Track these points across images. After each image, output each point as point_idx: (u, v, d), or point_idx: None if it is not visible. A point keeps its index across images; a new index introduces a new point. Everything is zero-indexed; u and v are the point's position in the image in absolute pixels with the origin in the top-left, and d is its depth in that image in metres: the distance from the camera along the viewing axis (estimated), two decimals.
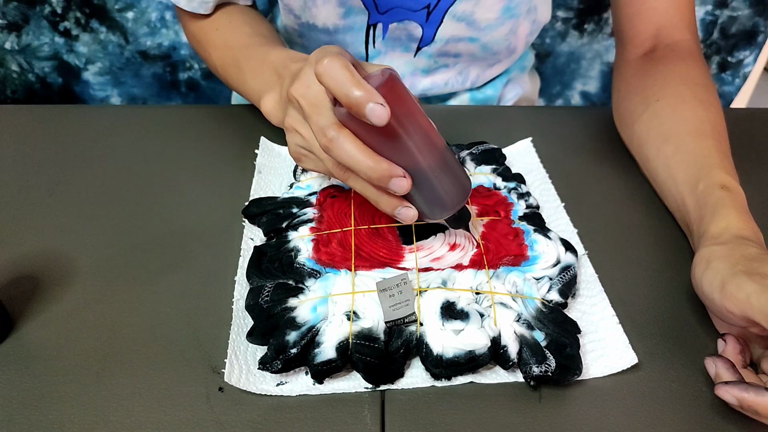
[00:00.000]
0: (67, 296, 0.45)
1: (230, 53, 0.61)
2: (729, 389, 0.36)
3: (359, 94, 0.35)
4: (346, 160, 0.39)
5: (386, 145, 0.39)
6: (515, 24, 0.67)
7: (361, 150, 0.39)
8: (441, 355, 0.39)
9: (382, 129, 0.37)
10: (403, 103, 0.38)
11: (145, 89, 1.03)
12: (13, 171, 0.59)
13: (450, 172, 0.41)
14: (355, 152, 0.39)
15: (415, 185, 0.40)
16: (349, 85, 0.36)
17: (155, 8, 0.93)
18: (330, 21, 0.65)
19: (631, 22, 0.64)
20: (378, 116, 0.35)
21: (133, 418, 0.37)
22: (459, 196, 0.42)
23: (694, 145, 0.52)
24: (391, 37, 0.67)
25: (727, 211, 0.45)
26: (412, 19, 0.65)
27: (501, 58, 0.72)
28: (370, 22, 0.65)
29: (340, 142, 0.39)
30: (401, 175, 0.39)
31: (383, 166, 0.39)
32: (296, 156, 0.47)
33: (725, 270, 0.40)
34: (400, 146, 0.39)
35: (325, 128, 0.40)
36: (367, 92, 0.35)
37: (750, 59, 1.02)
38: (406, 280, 0.42)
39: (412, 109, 0.39)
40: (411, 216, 0.42)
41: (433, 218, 0.43)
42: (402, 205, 0.41)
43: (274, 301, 0.42)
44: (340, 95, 0.36)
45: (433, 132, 0.41)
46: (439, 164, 0.40)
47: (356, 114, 0.37)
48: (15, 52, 0.96)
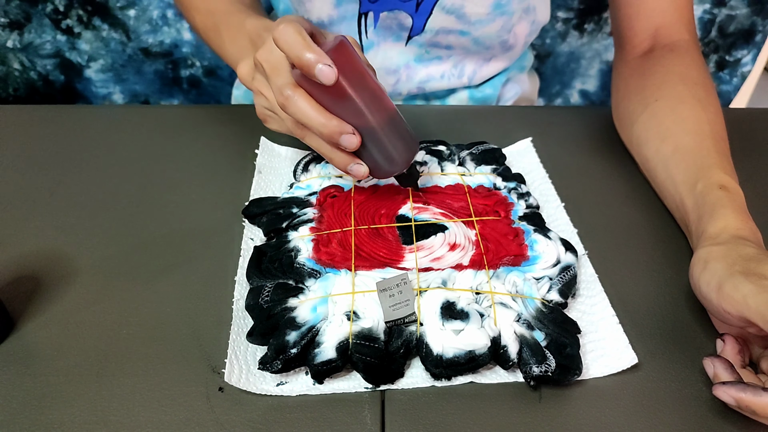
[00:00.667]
0: (67, 296, 0.45)
1: (211, 18, 0.62)
2: (727, 389, 0.36)
3: (309, 56, 0.40)
4: (300, 116, 0.43)
5: (337, 104, 0.43)
6: (508, 21, 0.67)
7: (313, 107, 0.43)
8: (441, 355, 0.39)
9: (332, 89, 0.41)
10: (352, 66, 0.42)
11: (147, 86, 1.03)
12: (13, 171, 0.59)
13: (398, 132, 0.45)
14: (308, 109, 0.43)
15: (365, 142, 0.45)
16: (300, 48, 0.40)
17: (157, 6, 0.93)
18: (324, 12, 0.66)
19: (629, 22, 0.64)
20: (326, 76, 0.40)
21: (133, 418, 0.37)
22: (407, 154, 0.46)
23: (693, 145, 0.52)
24: (383, 26, 0.68)
25: (726, 211, 0.45)
26: (401, 9, 0.66)
27: (496, 53, 0.72)
28: (362, 10, 0.66)
29: (294, 100, 0.43)
30: (350, 132, 0.43)
31: (333, 122, 0.43)
32: (262, 117, 0.51)
33: (722, 270, 0.40)
34: (350, 105, 0.43)
35: (282, 87, 0.43)
36: (317, 54, 0.40)
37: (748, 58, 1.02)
38: (406, 280, 0.42)
39: (361, 71, 0.43)
40: (362, 172, 0.46)
41: (383, 174, 0.47)
42: (354, 161, 0.46)
43: (274, 301, 0.42)
44: (293, 57, 0.40)
45: (381, 94, 0.44)
46: (388, 123, 0.44)
47: (307, 74, 0.41)
48: (17, 50, 0.96)
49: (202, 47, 0.98)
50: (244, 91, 0.86)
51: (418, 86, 0.74)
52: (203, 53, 0.99)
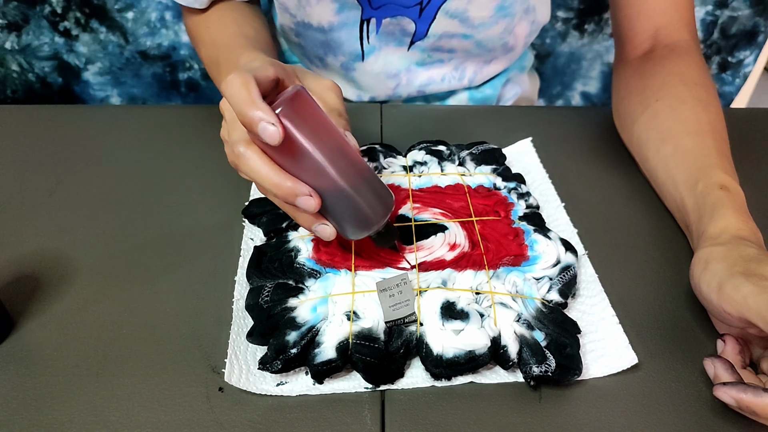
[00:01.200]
0: (67, 296, 0.45)
1: (214, 52, 0.61)
2: (727, 390, 0.36)
3: (252, 113, 0.35)
4: (253, 176, 0.40)
5: (294, 163, 0.39)
6: (510, 23, 0.67)
7: (266, 167, 0.39)
8: (441, 355, 0.39)
9: (285, 146, 0.37)
10: (308, 121, 0.38)
11: (145, 89, 1.03)
12: (13, 171, 0.59)
13: (368, 189, 0.41)
14: (260, 168, 0.39)
15: (329, 203, 0.40)
16: (243, 104, 0.36)
17: (155, 8, 0.93)
18: (324, 18, 0.66)
19: (630, 23, 0.64)
20: (269, 135, 0.35)
21: (133, 418, 0.37)
22: (378, 215, 0.42)
23: (694, 145, 0.52)
24: (385, 32, 0.68)
25: (726, 212, 0.45)
26: (404, 15, 0.65)
27: (497, 55, 0.72)
28: (364, 17, 0.66)
29: (246, 158, 0.39)
30: (306, 194, 0.39)
31: (287, 184, 0.39)
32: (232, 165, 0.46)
33: (723, 271, 0.40)
34: (308, 163, 0.38)
35: (234, 144, 0.40)
36: (262, 111, 0.35)
37: (750, 59, 1.02)
38: (406, 280, 0.42)
39: (319, 126, 0.39)
40: (328, 233, 0.42)
41: (353, 236, 0.43)
42: (319, 222, 0.41)
43: (274, 301, 0.42)
44: (237, 113, 0.36)
45: (347, 149, 0.40)
46: (354, 182, 0.40)
47: (251, 132, 0.37)
48: (15, 52, 0.96)
49: None
50: None
51: (418, 89, 0.74)
52: None
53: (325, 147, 0.38)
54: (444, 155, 0.58)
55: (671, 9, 0.62)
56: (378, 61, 0.70)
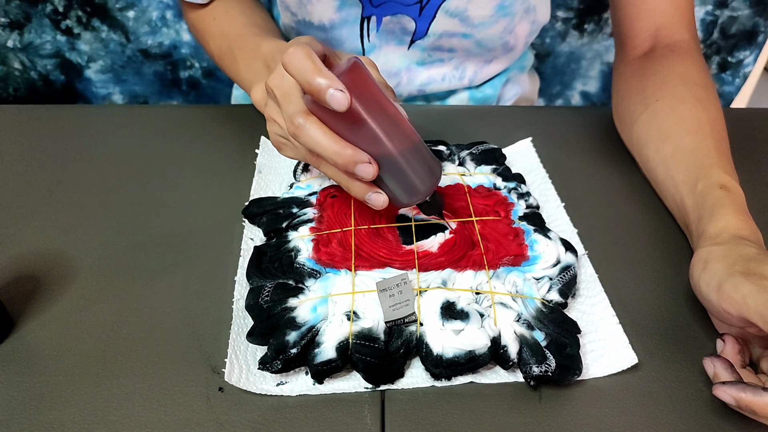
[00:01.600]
0: (67, 296, 0.45)
1: (226, 43, 0.61)
2: (726, 389, 0.36)
3: (320, 81, 0.37)
4: (313, 145, 0.41)
5: (352, 131, 0.40)
6: (511, 22, 0.67)
7: (327, 136, 0.40)
8: (441, 355, 0.39)
9: (346, 115, 0.38)
10: (366, 90, 0.40)
11: (146, 87, 1.03)
12: (13, 171, 0.59)
13: (419, 158, 0.42)
14: (321, 138, 0.40)
15: (384, 171, 0.42)
16: (310, 73, 0.37)
17: (156, 7, 0.93)
18: (325, 16, 0.66)
19: (630, 23, 0.64)
20: (338, 102, 0.37)
21: (133, 418, 0.37)
22: (429, 182, 0.43)
23: (693, 145, 0.52)
24: (385, 30, 0.68)
25: (726, 211, 0.45)
26: (405, 13, 0.65)
27: (497, 55, 0.72)
28: (364, 14, 0.66)
29: (306, 128, 0.40)
30: (366, 161, 0.40)
31: (348, 152, 0.40)
32: (276, 144, 0.49)
33: (722, 270, 0.40)
34: (366, 132, 0.40)
35: (293, 115, 0.41)
36: (328, 79, 0.37)
37: (750, 59, 1.02)
38: (406, 280, 0.42)
39: (376, 95, 0.40)
40: (381, 201, 0.43)
41: (404, 204, 0.44)
42: (372, 190, 0.43)
43: (274, 301, 0.42)
44: (303, 83, 0.38)
45: (400, 118, 0.42)
46: (408, 150, 0.41)
47: (318, 100, 0.38)
48: (17, 50, 0.96)
49: (200, 48, 0.98)
50: (244, 92, 0.86)
51: (418, 89, 0.74)
52: (202, 54, 0.99)
53: (381, 116, 0.40)
54: (444, 155, 0.58)
55: (671, 9, 0.62)
56: (378, 59, 0.70)
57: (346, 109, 0.37)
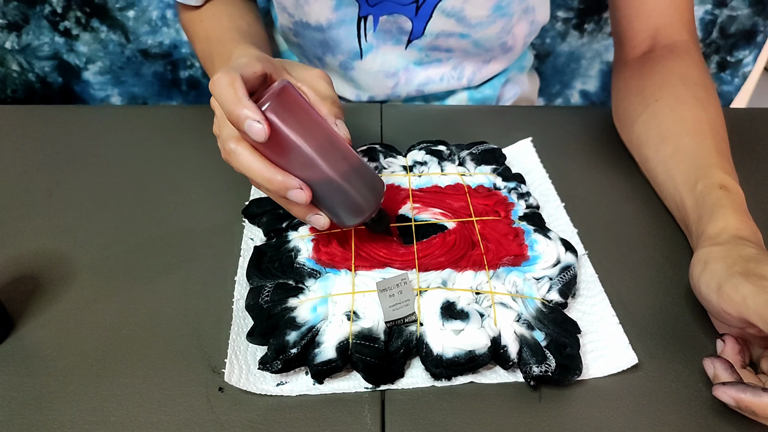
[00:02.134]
0: (67, 296, 0.45)
1: (208, 46, 0.62)
2: (726, 390, 0.36)
3: (239, 112, 0.36)
4: (245, 171, 0.41)
5: (283, 156, 0.40)
6: (508, 23, 0.67)
7: (257, 162, 0.40)
8: (441, 355, 0.39)
9: (274, 141, 0.38)
10: (295, 115, 0.39)
11: (145, 88, 1.03)
12: (13, 171, 0.59)
13: (358, 178, 0.42)
14: (251, 164, 0.40)
15: (321, 193, 0.41)
16: (230, 103, 0.37)
17: (156, 7, 0.93)
18: (322, 16, 0.66)
19: (629, 23, 0.64)
20: (255, 133, 0.37)
21: (133, 418, 0.37)
22: (370, 202, 0.43)
23: (693, 145, 0.52)
24: (382, 30, 0.68)
25: (726, 212, 0.45)
26: (401, 13, 0.65)
27: (496, 55, 0.72)
28: (361, 14, 0.66)
29: (237, 154, 0.40)
30: (297, 187, 0.40)
31: (278, 178, 0.40)
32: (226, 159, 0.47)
33: (722, 271, 0.40)
34: (297, 156, 0.39)
35: (225, 140, 0.41)
36: (247, 109, 0.36)
37: (749, 59, 1.02)
38: (406, 280, 0.42)
39: (307, 119, 0.40)
40: (322, 223, 0.43)
41: (347, 224, 0.44)
42: (312, 213, 0.42)
43: (274, 301, 0.42)
44: (225, 112, 0.38)
45: (336, 140, 0.41)
46: (346, 171, 0.41)
47: (239, 130, 0.38)
48: (15, 52, 0.96)
49: None
50: None
51: (417, 89, 0.74)
52: None
53: (313, 139, 0.39)
54: (444, 155, 0.58)
55: (670, 9, 0.62)
56: (376, 59, 0.70)
57: (264, 140, 0.37)
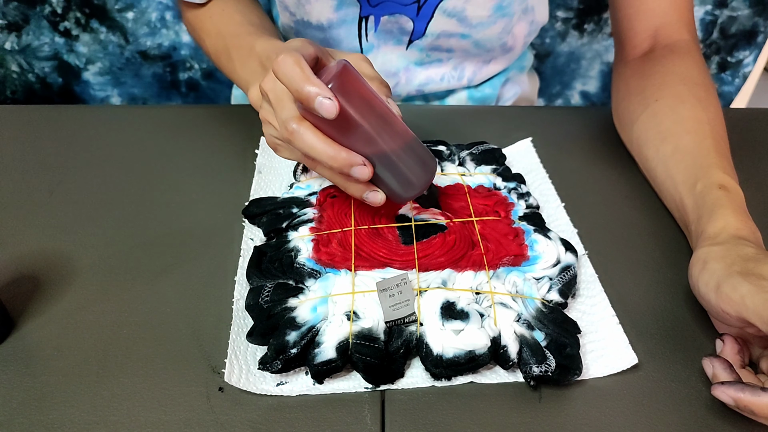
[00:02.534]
0: (67, 296, 0.45)
1: (222, 41, 0.62)
2: (725, 389, 0.36)
3: (309, 89, 0.38)
4: (307, 150, 0.42)
5: (345, 134, 0.41)
6: (509, 23, 0.67)
7: (320, 140, 0.41)
8: (441, 355, 0.39)
9: (337, 119, 0.39)
10: (356, 92, 0.40)
11: (145, 89, 1.03)
12: (13, 171, 0.59)
13: (412, 154, 0.44)
14: (315, 143, 0.41)
15: (379, 168, 0.43)
16: (298, 81, 0.38)
17: (155, 8, 0.93)
18: (323, 16, 0.66)
19: (629, 23, 0.64)
20: (326, 110, 0.38)
21: (133, 418, 0.37)
22: (424, 177, 0.45)
23: (693, 145, 0.52)
24: (383, 30, 0.68)
25: (725, 211, 0.45)
26: (402, 13, 0.65)
27: (496, 55, 0.72)
28: (362, 14, 0.66)
29: (300, 134, 0.41)
30: (360, 163, 0.41)
31: (342, 155, 0.41)
32: (272, 146, 0.49)
33: (721, 271, 0.40)
34: (358, 133, 0.41)
35: (286, 121, 0.42)
36: (317, 87, 0.38)
37: (750, 59, 1.02)
38: (406, 280, 0.42)
39: (367, 96, 0.41)
40: (379, 199, 0.44)
41: (402, 199, 0.46)
42: (369, 189, 0.44)
43: (274, 301, 0.42)
44: (292, 91, 0.39)
45: (392, 117, 0.42)
46: (401, 147, 0.43)
47: (307, 108, 0.39)
48: (15, 52, 0.96)
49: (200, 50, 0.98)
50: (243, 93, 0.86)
51: (417, 89, 0.74)
52: (202, 56, 0.99)
53: (372, 117, 0.41)
54: (444, 155, 0.58)
55: (671, 9, 0.62)
56: (377, 59, 0.70)
57: (335, 117, 0.38)
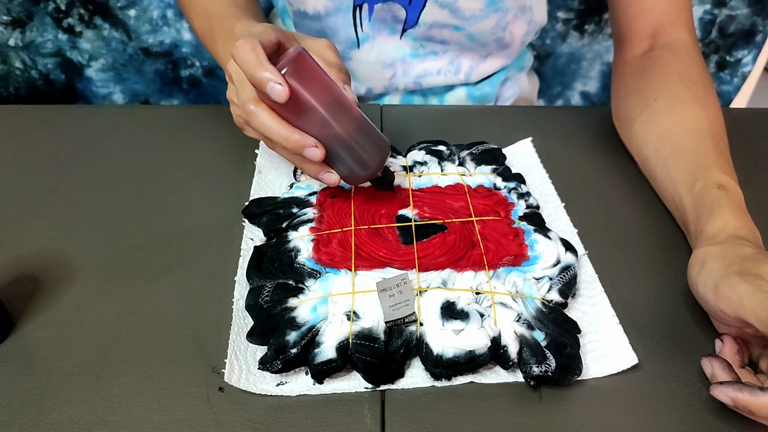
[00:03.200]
0: (67, 296, 0.45)
1: (207, 21, 0.62)
2: (724, 389, 0.36)
3: (261, 74, 0.40)
4: (263, 131, 0.45)
5: (299, 116, 0.43)
6: (502, 18, 0.67)
7: (275, 122, 0.44)
8: (441, 355, 0.39)
9: (291, 102, 0.41)
10: (310, 78, 0.42)
11: (147, 86, 1.03)
12: (13, 171, 0.59)
13: (366, 137, 0.46)
14: (270, 124, 0.44)
15: (333, 151, 0.45)
16: (252, 66, 0.40)
17: (157, 6, 0.93)
18: (319, 4, 0.66)
19: (628, 22, 0.64)
20: (277, 94, 0.40)
21: (133, 418, 0.37)
22: (378, 157, 0.47)
23: (692, 145, 0.52)
24: (377, 19, 0.68)
25: (724, 211, 0.45)
26: (395, 1, 0.66)
27: (492, 51, 0.72)
28: (356, 2, 0.66)
29: (257, 115, 0.44)
30: (312, 145, 0.44)
31: (295, 137, 0.44)
32: (239, 125, 0.52)
33: (719, 270, 0.40)
34: (312, 116, 0.43)
35: (245, 102, 0.44)
36: (269, 72, 0.40)
37: (749, 58, 1.02)
38: (406, 280, 0.42)
39: (320, 82, 0.43)
40: (333, 180, 0.47)
41: (355, 181, 0.48)
42: (324, 170, 0.47)
43: (274, 301, 0.42)
44: (248, 76, 0.41)
45: (345, 101, 0.45)
46: (354, 130, 0.45)
47: (261, 92, 0.41)
48: (19, 49, 0.96)
49: (201, 47, 0.98)
50: None
51: (414, 81, 0.74)
52: (203, 53, 0.99)
53: (325, 101, 0.43)
54: (444, 155, 0.58)
55: (670, 8, 0.62)
56: (373, 49, 0.71)
57: (285, 101, 0.40)
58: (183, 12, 0.70)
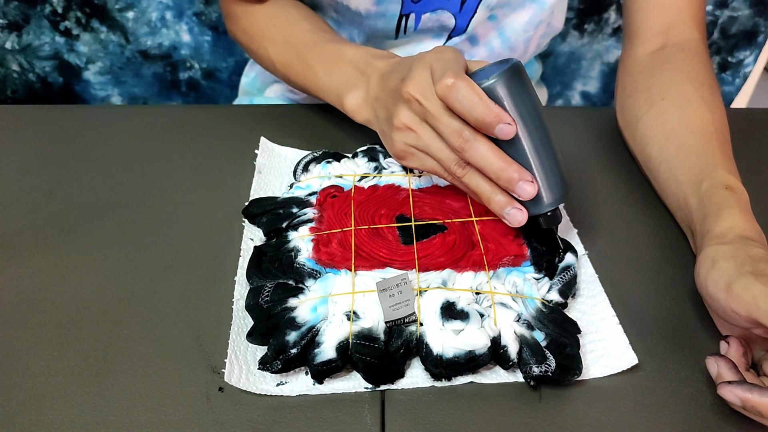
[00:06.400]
0: (67, 296, 0.45)
1: (293, 50, 0.61)
2: (733, 389, 0.36)
3: (491, 119, 0.39)
4: (478, 160, 0.42)
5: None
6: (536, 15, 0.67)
7: (494, 152, 0.41)
8: (441, 355, 0.39)
9: None
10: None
11: (145, 89, 1.03)
12: (13, 171, 0.59)
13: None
14: (489, 154, 0.41)
15: None
16: (478, 109, 0.39)
17: (155, 8, 0.93)
18: (362, 5, 0.64)
19: (644, 16, 0.63)
20: (506, 134, 0.40)
21: (133, 418, 0.37)
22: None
23: (698, 146, 0.52)
24: (423, 28, 0.66)
25: (732, 211, 0.45)
26: (445, 9, 0.64)
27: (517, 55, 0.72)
28: (403, 12, 0.64)
29: (475, 143, 0.41)
30: (529, 180, 0.42)
31: (513, 168, 0.41)
32: (402, 154, 0.48)
33: (732, 270, 0.39)
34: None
35: (460, 130, 0.42)
36: (497, 114, 0.39)
37: (750, 59, 1.02)
38: (406, 280, 0.42)
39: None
40: (519, 220, 0.43)
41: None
42: (512, 205, 0.43)
43: (274, 301, 0.42)
44: (469, 118, 0.40)
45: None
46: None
47: (485, 132, 0.40)
48: (16, 52, 0.96)
49: (200, 49, 0.98)
50: (252, 78, 0.84)
51: None
52: (202, 55, 0.99)
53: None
54: None
55: (686, 6, 0.61)
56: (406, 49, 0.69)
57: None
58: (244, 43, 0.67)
